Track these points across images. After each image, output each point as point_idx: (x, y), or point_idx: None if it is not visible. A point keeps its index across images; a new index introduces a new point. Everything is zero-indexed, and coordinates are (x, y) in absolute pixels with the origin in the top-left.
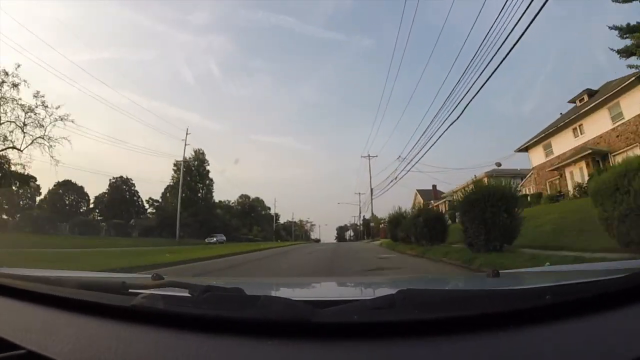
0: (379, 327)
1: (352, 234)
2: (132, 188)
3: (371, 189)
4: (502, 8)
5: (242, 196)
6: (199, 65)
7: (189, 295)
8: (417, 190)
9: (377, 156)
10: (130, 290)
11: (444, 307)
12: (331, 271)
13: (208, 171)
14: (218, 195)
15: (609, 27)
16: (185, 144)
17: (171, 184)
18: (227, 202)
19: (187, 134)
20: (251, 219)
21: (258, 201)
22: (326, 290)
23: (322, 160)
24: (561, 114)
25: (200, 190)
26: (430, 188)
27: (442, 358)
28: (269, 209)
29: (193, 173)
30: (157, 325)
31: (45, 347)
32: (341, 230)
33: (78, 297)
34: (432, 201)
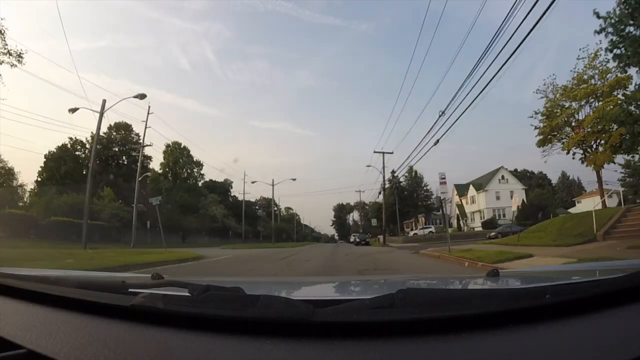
0: (379, 326)
1: (357, 218)
2: None
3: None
4: None
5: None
6: (196, 51)
7: (188, 294)
8: None
9: (392, 152)
10: (130, 290)
11: (444, 307)
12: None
13: None
14: None
15: None
16: None
17: None
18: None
19: None
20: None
21: (179, 151)
22: (326, 289)
23: (321, 147)
24: None
25: None
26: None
27: (442, 357)
28: (232, 183)
29: None
30: (156, 325)
31: (45, 347)
32: (341, 212)
33: (78, 296)
34: None
